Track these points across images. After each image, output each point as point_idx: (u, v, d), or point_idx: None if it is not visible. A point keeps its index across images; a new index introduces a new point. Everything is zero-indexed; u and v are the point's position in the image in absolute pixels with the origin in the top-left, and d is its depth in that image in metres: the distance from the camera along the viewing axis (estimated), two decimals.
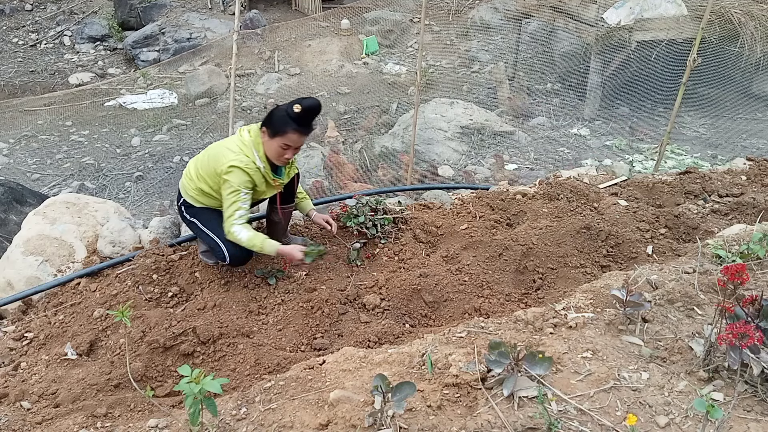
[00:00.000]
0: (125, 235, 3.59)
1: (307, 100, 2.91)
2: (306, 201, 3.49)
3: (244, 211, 2.99)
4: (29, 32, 12.53)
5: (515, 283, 3.34)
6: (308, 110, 2.88)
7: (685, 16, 7.98)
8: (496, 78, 9.08)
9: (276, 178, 3.09)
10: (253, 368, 2.76)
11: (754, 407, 1.86)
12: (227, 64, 10.23)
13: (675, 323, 2.28)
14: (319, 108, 2.94)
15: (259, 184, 3.03)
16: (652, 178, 4.35)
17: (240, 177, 2.93)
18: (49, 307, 3.27)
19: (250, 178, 2.96)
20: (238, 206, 2.96)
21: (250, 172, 2.94)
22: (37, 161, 7.87)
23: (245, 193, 2.96)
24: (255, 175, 2.98)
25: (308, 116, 2.90)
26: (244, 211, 2.99)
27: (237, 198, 2.95)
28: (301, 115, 2.86)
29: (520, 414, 1.86)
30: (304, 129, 2.92)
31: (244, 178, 2.93)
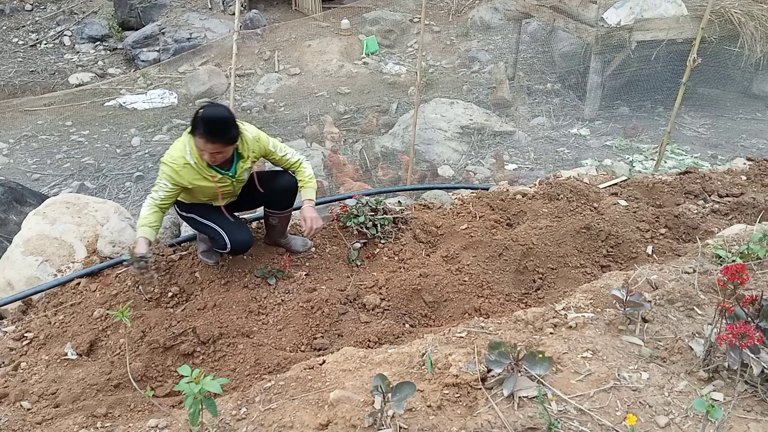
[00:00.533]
0: (125, 235, 3.59)
1: (210, 109, 2.83)
2: (304, 189, 3.30)
3: (157, 198, 3.05)
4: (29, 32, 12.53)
5: (515, 283, 3.34)
6: (206, 120, 2.78)
7: (685, 16, 7.97)
8: (496, 78, 9.08)
9: (217, 174, 3.02)
10: (253, 368, 2.76)
11: (754, 407, 1.86)
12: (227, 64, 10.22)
13: (675, 323, 2.28)
14: (219, 120, 2.81)
15: (190, 179, 3.00)
16: (652, 178, 4.35)
17: (165, 169, 2.99)
18: (49, 307, 3.27)
19: (175, 172, 2.96)
20: (156, 191, 3.05)
21: (175, 167, 2.96)
22: (37, 161, 7.87)
23: (164, 183, 3.02)
24: (184, 171, 2.96)
25: (209, 125, 2.78)
26: (157, 197, 3.04)
27: (158, 185, 3.05)
28: (201, 119, 2.79)
29: (520, 414, 1.86)
30: (209, 137, 2.81)
31: (167, 171, 2.98)
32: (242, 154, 3.05)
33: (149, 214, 3.05)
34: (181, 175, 2.97)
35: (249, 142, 3.05)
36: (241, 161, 3.07)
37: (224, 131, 2.82)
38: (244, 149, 3.04)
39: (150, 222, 3.05)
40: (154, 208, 3.06)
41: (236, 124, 2.88)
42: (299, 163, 3.26)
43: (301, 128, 8.53)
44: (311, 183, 3.28)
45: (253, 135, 3.08)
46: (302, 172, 3.28)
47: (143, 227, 3.06)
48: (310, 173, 3.29)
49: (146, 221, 3.05)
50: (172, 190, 3.03)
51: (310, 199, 3.27)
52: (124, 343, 2.90)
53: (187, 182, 3.00)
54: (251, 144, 3.06)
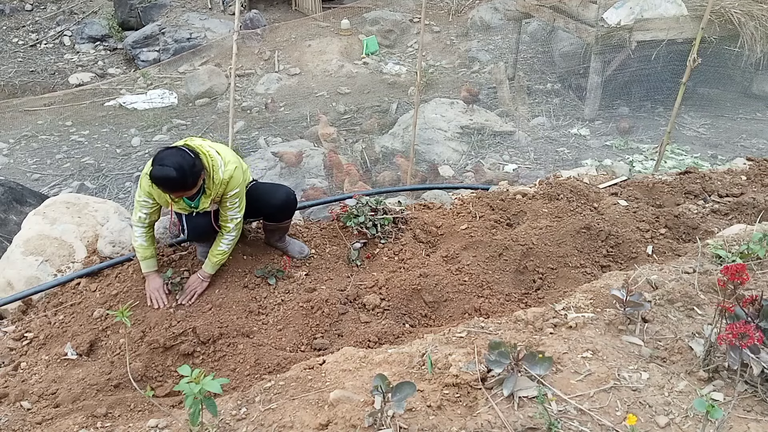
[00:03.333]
0: (125, 235, 3.59)
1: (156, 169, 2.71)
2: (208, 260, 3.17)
3: (144, 216, 3.06)
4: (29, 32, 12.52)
5: (515, 283, 3.34)
6: (154, 178, 2.74)
7: (685, 16, 7.97)
8: (496, 78, 9.08)
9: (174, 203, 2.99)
10: (253, 368, 2.76)
11: (754, 407, 1.86)
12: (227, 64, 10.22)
13: (675, 323, 2.28)
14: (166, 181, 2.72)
15: (158, 198, 3.01)
16: (652, 178, 4.35)
17: (143, 185, 2.99)
18: (49, 307, 3.27)
19: (150, 190, 2.96)
20: (138, 209, 3.06)
21: (145, 186, 2.96)
22: (37, 161, 7.87)
23: (144, 200, 3.02)
24: (152, 190, 2.95)
25: (157, 182, 2.76)
26: (144, 215, 3.05)
27: (139, 202, 3.05)
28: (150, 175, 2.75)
29: (520, 414, 1.86)
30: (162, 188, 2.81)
31: (145, 186, 2.97)
32: (207, 191, 2.97)
33: (146, 244, 3.10)
34: (154, 194, 2.99)
35: (216, 183, 2.92)
36: (205, 197, 3.00)
37: (173, 187, 2.79)
38: (210, 187, 2.94)
39: (151, 254, 3.13)
40: (145, 233, 3.09)
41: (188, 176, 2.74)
42: (228, 230, 3.12)
43: (301, 128, 8.53)
44: (219, 258, 3.15)
45: (223, 177, 2.93)
46: (219, 242, 3.14)
47: (148, 260, 3.13)
48: (225, 249, 3.15)
49: (147, 253, 3.12)
50: (154, 205, 3.05)
51: (206, 272, 3.18)
52: (124, 343, 2.90)
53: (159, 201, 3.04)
54: (218, 186, 2.94)
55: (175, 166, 2.70)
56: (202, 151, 2.90)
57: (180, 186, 2.77)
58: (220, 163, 2.93)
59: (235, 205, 3.08)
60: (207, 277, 3.20)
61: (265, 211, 3.29)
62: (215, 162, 2.91)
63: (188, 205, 3.04)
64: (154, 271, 3.16)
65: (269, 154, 7.24)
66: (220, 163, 2.92)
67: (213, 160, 2.91)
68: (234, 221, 3.12)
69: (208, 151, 2.92)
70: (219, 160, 2.93)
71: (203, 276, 3.19)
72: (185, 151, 2.80)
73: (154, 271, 3.16)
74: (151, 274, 3.15)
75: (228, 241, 3.15)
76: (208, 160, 2.89)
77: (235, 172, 2.97)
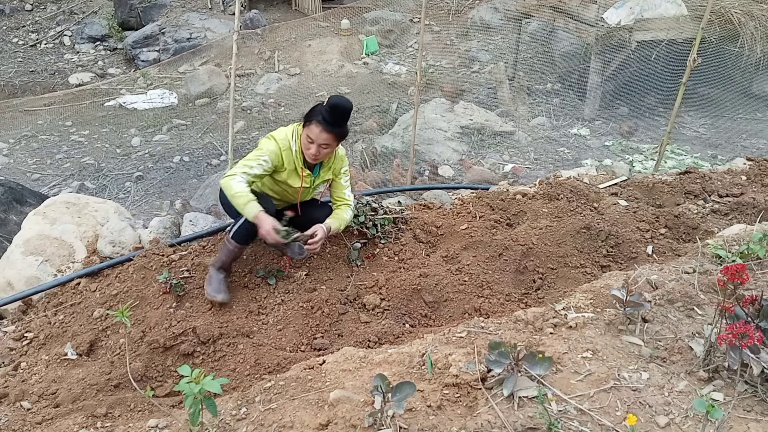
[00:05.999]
0: (125, 235, 3.59)
1: (336, 98, 2.91)
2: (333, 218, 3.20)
3: (251, 172, 2.95)
4: (29, 32, 12.53)
5: (515, 283, 3.34)
6: (333, 106, 2.86)
7: (685, 16, 7.98)
8: (496, 78, 9.08)
9: (304, 169, 3.07)
10: (253, 368, 2.76)
11: (754, 407, 1.86)
12: (227, 64, 10.23)
13: (675, 323, 2.28)
14: (344, 108, 2.89)
15: (287, 164, 3.03)
16: (652, 178, 4.35)
17: (270, 145, 3.00)
18: (49, 307, 3.27)
19: (279, 152, 3.00)
20: (251, 166, 2.95)
21: (282, 147, 3.00)
22: (37, 161, 7.87)
23: (265, 160, 2.97)
24: (285, 153, 3.01)
25: (333, 112, 2.86)
26: (251, 172, 2.95)
27: (256, 160, 2.97)
28: (326, 108, 2.86)
29: (520, 414, 1.86)
30: (326, 125, 2.86)
31: (273, 147, 2.99)
32: (326, 163, 3.13)
33: (247, 189, 2.89)
34: (283, 156, 3.01)
35: (337, 156, 3.15)
36: (323, 170, 3.14)
37: (343, 122, 2.91)
38: (330, 160, 3.13)
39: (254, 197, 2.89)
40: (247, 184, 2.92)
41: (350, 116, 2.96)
42: (348, 204, 3.26)
43: None
44: (343, 223, 3.21)
45: (342, 153, 3.17)
46: (344, 210, 3.24)
47: (250, 203, 2.87)
48: (347, 218, 3.24)
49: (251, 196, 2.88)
50: (269, 170, 3.01)
51: (330, 227, 3.15)
52: (124, 343, 2.90)
53: (283, 167, 3.03)
54: (338, 158, 3.16)
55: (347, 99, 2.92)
56: None
57: (346, 121, 2.91)
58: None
59: (348, 183, 3.26)
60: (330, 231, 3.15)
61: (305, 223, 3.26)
62: None
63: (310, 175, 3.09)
64: (262, 211, 2.88)
65: None
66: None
67: None
68: (350, 198, 3.27)
69: None
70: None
71: (327, 229, 3.12)
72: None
73: (262, 211, 2.88)
74: (261, 215, 2.86)
75: (350, 212, 3.27)
76: None
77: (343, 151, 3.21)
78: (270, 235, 2.86)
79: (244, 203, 2.86)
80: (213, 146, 8.19)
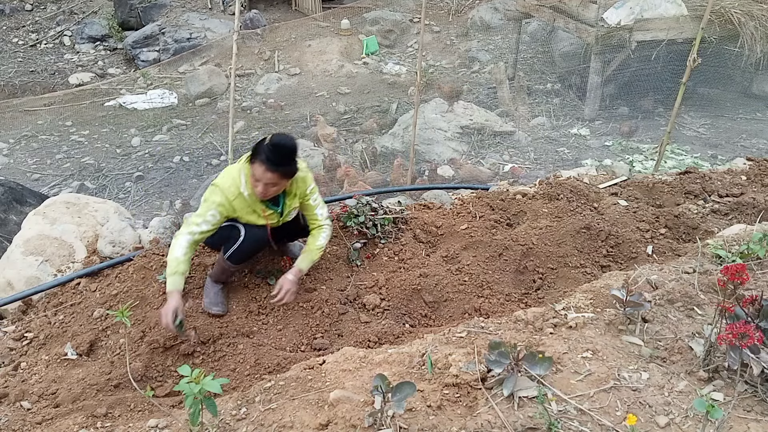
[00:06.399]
0: (125, 235, 3.59)
1: (278, 136, 2.72)
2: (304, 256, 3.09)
3: (202, 231, 2.83)
4: (29, 32, 12.52)
5: (515, 283, 3.34)
6: (274, 146, 2.68)
7: (685, 16, 7.97)
8: (496, 78, 9.08)
9: (267, 209, 2.92)
10: (253, 368, 2.76)
11: (754, 407, 1.86)
12: (227, 64, 10.23)
13: (675, 323, 2.28)
14: (286, 148, 2.71)
15: (240, 211, 2.87)
16: (652, 178, 4.35)
17: (216, 197, 2.82)
18: (49, 307, 3.27)
19: (228, 203, 2.82)
20: (197, 223, 2.83)
21: (229, 196, 2.81)
22: (37, 161, 7.87)
23: (212, 215, 2.82)
24: (236, 202, 2.83)
25: (275, 152, 2.67)
26: (198, 230, 2.83)
27: (203, 215, 2.82)
28: (268, 147, 2.67)
29: (520, 414, 1.86)
30: (270, 165, 2.67)
31: (219, 199, 2.81)
32: (289, 191, 2.95)
33: (183, 258, 2.80)
34: (233, 206, 2.84)
35: (298, 180, 2.94)
36: (288, 199, 2.97)
37: (288, 161, 2.73)
38: (292, 187, 2.94)
39: (183, 270, 2.82)
40: (190, 248, 2.83)
41: (297, 154, 2.78)
42: (321, 226, 3.11)
43: (301, 128, 8.54)
44: (315, 254, 3.09)
45: (303, 174, 2.95)
46: (317, 237, 3.10)
47: (175, 275, 2.80)
48: (322, 244, 3.10)
49: (180, 268, 2.80)
50: (218, 222, 2.86)
51: (300, 269, 3.07)
52: (124, 343, 2.90)
53: (237, 215, 2.88)
54: (299, 183, 2.96)
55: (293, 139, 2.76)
56: None
57: (292, 160, 2.74)
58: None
59: (318, 201, 3.08)
60: (300, 276, 3.06)
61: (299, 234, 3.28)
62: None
63: (274, 211, 2.94)
64: (177, 291, 2.83)
65: None
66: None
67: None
68: (324, 216, 3.10)
69: None
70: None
71: (296, 275, 3.04)
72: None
73: (177, 291, 2.83)
74: (174, 294, 2.82)
75: (326, 235, 3.11)
76: None
77: (308, 170, 3.01)
78: (167, 316, 2.75)
79: (169, 273, 2.81)
80: (213, 146, 8.19)
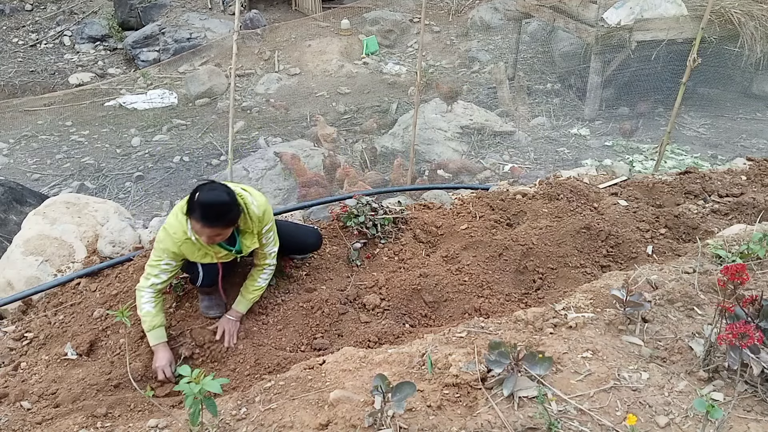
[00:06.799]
0: (125, 235, 3.59)
1: (207, 193, 2.52)
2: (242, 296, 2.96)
3: (160, 282, 2.76)
4: (29, 32, 12.52)
5: (515, 283, 3.34)
6: (203, 205, 2.50)
7: (685, 16, 7.97)
8: (496, 78, 9.08)
9: (222, 249, 2.77)
10: (253, 368, 2.76)
11: (754, 407, 1.86)
12: (227, 64, 10.23)
13: (675, 323, 2.28)
14: (216, 207, 2.51)
15: (191, 255, 2.74)
16: (652, 178, 4.35)
17: (166, 244, 2.70)
18: (49, 307, 3.27)
19: (177, 248, 2.69)
20: (155, 274, 2.74)
21: (177, 242, 2.67)
22: (37, 161, 7.87)
23: (167, 263, 2.74)
24: (184, 246, 2.69)
25: (205, 210, 2.50)
26: (160, 281, 2.76)
27: (158, 266, 2.74)
28: (198, 205, 2.51)
29: (520, 414, 1.86)
30: (205, 222, 2.52)
31: (168, 246, 2.69)
32: (245, 230, 2.78)
33: (155, 311, 2.75)
34: (182, 250, 2.72)
35: (253, 219, 2.75)
36: (244, 238, 2.81)
37: (221, 216, 2.55)
38: (247, 226, 2.75)
39: (160, 322, 2.77)
40: (155, 298, 2.76)
41: (235, 205, 2.60)
42: (264, 266, 2.97)
43: (301, 128, 8.54)
44: (255, 294, 2.97)
45: (258, 213, 2.76)
46: (255, 278, 2.96)
47: (155, 330, 2.75)
48: (261, 285, 2.97)
49: (156, 322, 2.75)
50: (175, 268, 2.78)
51: (238, 311, 2.95)
52: (124, 343, 2.90)
53: (189, 257, 2.76)
54: (255, 222, 2.76)
55: (225, 191, 2.55)
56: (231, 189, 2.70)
57: (228, 213, 2.55)
58: (251, 199, 2.76)
59: (270, 240, 2.93)
60: (239, 317, 2.95)
61: (300, 251, 3.36)
62: (246, 198, 2.73)
63: (229, 251, 2.81)
64: (163, 344, 2.77)
65: (269, 154, 7.24)
66: (250, 199, 2.75)
67: (243, 196, 2.72)
68: (271, 256, 2.97)
69: (235, 189, 2.70)
70: (248, 196, 2.75)
71: (235, 316, 2.94)
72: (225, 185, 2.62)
73: (163, 344, 2.77)
74: (160, 347, 2.76)
75: (266, 276, 2.99)
76: (240, 199, 2.69)
77: (267, 206, 2.83)
78: (166, 371, 2.72)
79: (147, 329, 2.76)
80: (213, 146, 8.19)
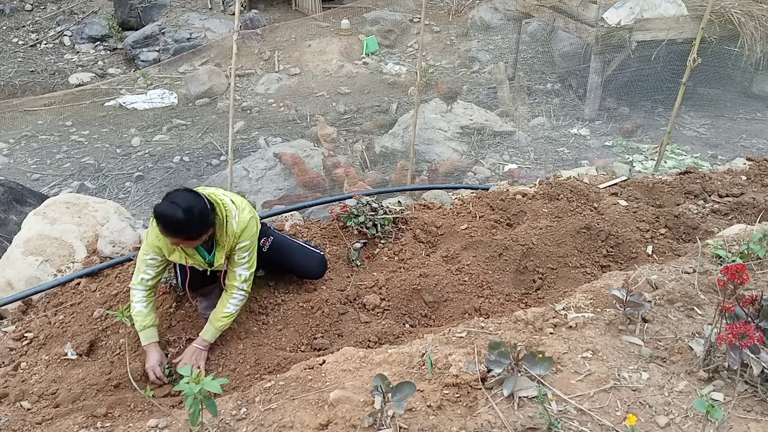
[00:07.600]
0: (125, 235, 3.59)
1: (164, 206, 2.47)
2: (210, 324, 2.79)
3: (148, 277, 2.74)
4: (29, 32, 12.52)
5: (515, 283, 3.34)
6: (157, 216, 2.48)
7: (685, 16, 7.98)
8: (496, 78, 9.08)
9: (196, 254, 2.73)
10: (253, 368, 2.76)
11: (754, 407, 1.86)
12: (227, 64, 10.23)
13: (675, 323, 2.28)
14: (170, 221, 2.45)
15: (167, 251, 2.71)
16: (652, 178, 4.35)
17: (149, 236, 2.71)
18: (49, 307, 3.27)
19: (160, 242, 2.67)
20: (143, 270, 2.74)
21: (157, 233, 2.62)
22: (37, 161, 7.87)
23: (152, 258, 2.73)
24: (162, 241, 2.66)
25: (160, 221, 2.48)
26: (149, 276, 2.74)
27: (144, 261, 2.74)
28: (155, 212, 2.50)
29: (520, 414, 1.86)
30: (165, 232, 2.51)
31: (152, 240, 2.69)
32: (220, 242, 2.68)
33: (146, 311, 2.73)
34: (161, 245, 2.70)
35: (228, 233, 2.65)
36: (218, 250, 2.71)
37: (175, 231, 2.49)
38: (223, 239, 2.67)
39: (151, 322, 2.75)
40: (147, 297, 2.75)
41: (193, 223, 2.48)
42: (236, 288, 2.79)
43: (302, 128, 8.54)
44: (223, 322, 2.78)
45: (235, 230, 2.67)
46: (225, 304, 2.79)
47: (146, 330, 2.73)
48: (230, 312, 2.79)
49: (147, 322, 2.73)
50: (160, 263, 2.76)
51: (205, 340, 2.77)
52: (124, 343, 2.90)
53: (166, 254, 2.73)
54: (230, 236, 2.66)
55: (185, 206, 2.45)
56: (215, 200, 2.63)
57: (182, 230, 2.49)
58: (235, 212, 2.68)
59: (243, 260, 2.77)
60: (206, 347, 2.78)
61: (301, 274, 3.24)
62: (229, 211, 2.66)
63: (203, 260, 2.76)
64: (154, 343, 2.74)
65: (269, 154, 7.25)
66: (234, 213, 2.68)
67: (227, 208, 2.65)
68: (241, 279, 2.78)
69: (222, 200, 2.67)
70: (233, 209, 2.68)
71: (202, 345, 2.77)
72: (202, 197, 2.56)
73: (154, 343, 2.74)
74: (151, 347, 2.72)
75: (236, 302, 2.80)
76: (222, 210, 2.63)
77: (250, 222, 2.72)
78: (156, 371, 2.68)
79: (139, 328, 2.74)
80: (213, 146, 8.19)
